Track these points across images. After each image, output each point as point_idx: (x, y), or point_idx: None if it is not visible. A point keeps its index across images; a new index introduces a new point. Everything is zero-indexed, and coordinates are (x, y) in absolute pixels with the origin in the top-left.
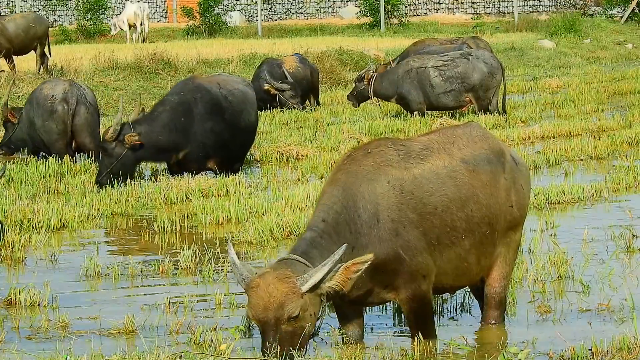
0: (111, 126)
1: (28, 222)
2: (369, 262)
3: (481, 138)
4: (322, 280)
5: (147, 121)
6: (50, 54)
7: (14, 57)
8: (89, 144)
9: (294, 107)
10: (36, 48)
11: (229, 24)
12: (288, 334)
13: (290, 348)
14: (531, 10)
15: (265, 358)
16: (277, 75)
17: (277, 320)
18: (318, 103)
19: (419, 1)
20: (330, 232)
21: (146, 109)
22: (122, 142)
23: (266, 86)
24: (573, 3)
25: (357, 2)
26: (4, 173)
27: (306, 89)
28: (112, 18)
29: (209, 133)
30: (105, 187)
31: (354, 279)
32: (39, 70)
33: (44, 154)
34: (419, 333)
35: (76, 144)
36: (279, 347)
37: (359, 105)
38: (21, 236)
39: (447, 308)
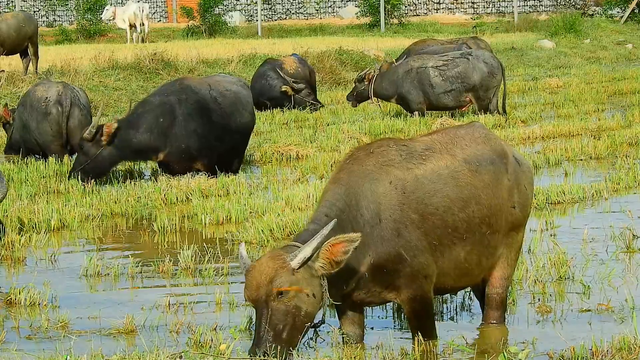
0: (86, 128)
1: (28, 222)
2: (356, 243)
3: (484, 138)
4: (311, 256)
5: (125, 122)
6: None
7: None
8: None
9: (311, 105)
10: (27, 48)
11: (229, 24)
12: (280, 312)
13: (285, 333)
14: (531, 10)
15: (258, 340)
16: (281, 76)
17: (267, 297)
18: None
19: (419, 1)
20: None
21: None
22: (98, 142)
23: (283, 88)
24: (573, 3)
25: (357, 2)
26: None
27: None
28: (110, 5)
29: (192, 134)
30: (82, 183)
31: (343, 260)
32: (37, 70)
33: (36, 155)
34: (420, 333)
35: (71, 146)
36: (273, 328)
37: (357, 105)
38: (21, 236)
39: (447, 308)
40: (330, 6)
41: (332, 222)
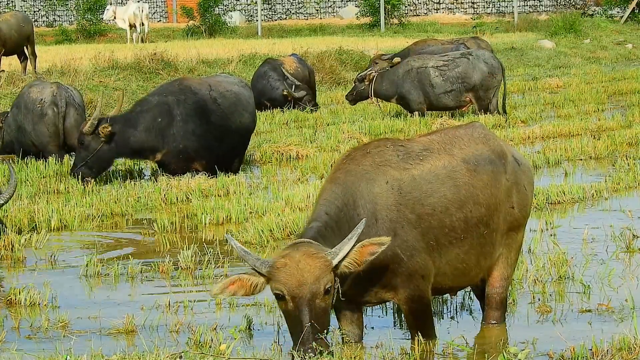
0: (89, 119)
1: (28, 222)
2: (385, 245)
3: (483, 139)
4: (348, 254)
5: (123, 119)
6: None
7: (2, 57)
8: None
9: (311, 106)
10: (25, 48)
11: (229, 24)
12: (322, 309)
13: (323, 329)
14: (531, 10)
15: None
16: (282, 77)
17: (313, 295)
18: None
19: (419, 1)
20: (332, 225)
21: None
22: (98, 136)
23: (285, 92)
24: (573, 3)
25: (357, 2)
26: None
27: None
28: (110, 4)
29: (190, 135)
30: (84, 180)
31: (367, 262)
32: (36, 69)
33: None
34: (419, 333)
35: (67, 146)
36: (318, 325)
37: (355, 103)
38: (21, 236)
39: (447, 308)
40: (330, 6)
41: (362, 222)
